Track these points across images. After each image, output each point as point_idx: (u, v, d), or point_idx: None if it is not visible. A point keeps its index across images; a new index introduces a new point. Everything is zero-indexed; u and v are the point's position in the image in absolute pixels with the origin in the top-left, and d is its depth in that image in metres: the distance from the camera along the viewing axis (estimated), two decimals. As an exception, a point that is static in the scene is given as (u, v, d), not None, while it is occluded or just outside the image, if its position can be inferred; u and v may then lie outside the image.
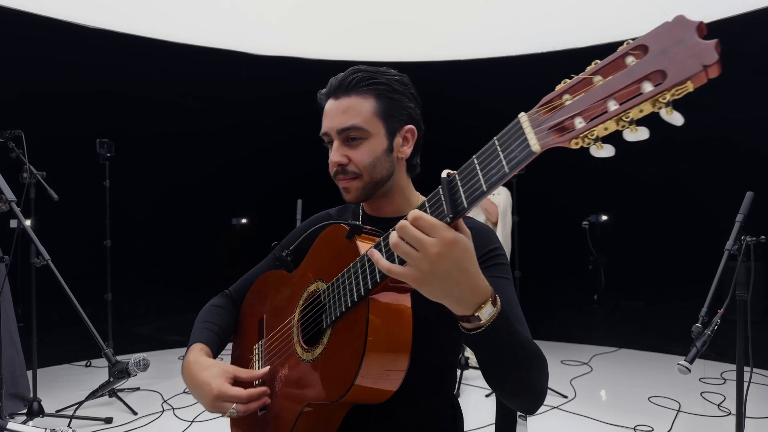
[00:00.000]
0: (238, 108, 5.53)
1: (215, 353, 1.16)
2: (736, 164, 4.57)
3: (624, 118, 0.59)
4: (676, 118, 0.57)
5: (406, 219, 0.74)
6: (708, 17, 4.55)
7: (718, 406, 3.46)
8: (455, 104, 5.54)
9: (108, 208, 3.87)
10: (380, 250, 0.83)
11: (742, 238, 2.01)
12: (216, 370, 1.03)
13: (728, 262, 1.99)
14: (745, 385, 1.97)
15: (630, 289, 5.47)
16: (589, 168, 5.36)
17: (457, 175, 0.73)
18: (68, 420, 3.17)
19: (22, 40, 4.46)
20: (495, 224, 4.29)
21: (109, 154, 3.82)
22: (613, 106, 0.60)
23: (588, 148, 0.62)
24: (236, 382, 1.04)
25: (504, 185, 4.29)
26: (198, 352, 1.11)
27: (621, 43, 0.64)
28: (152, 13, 4.73)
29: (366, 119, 1.03)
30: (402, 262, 0.76)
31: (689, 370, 1.73)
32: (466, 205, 0.70)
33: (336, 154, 1.05)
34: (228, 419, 1.14)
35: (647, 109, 0.57)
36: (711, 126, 4.84)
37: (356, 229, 0.96)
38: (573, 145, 0.63)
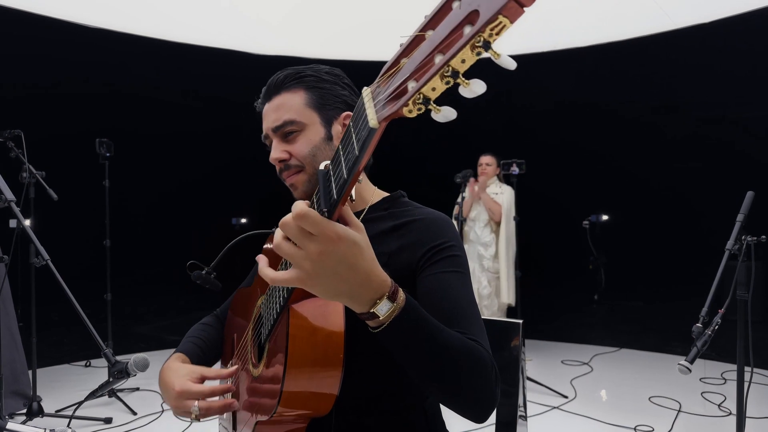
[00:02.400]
0: (238, 108, 5.50)
1: (195, 363, 1.15)
2: (736, 164, 4.57)
3: (445, 73, 0.51)
4: (506, 62, 0.52)
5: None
6: (708, 17, 4.55)
7: (719, 406, 3.45)
8: (458, 103, 5.52)
9: (108, 208, 3.86)
10: None
11: (743, 237, 2.00)
12: (183, 371, 1.04)
13: (729, 262, 1.99)
14: (746, 385, 1.97)
15: (630, 288, 5.47)
16: (589, 168, 5.37)
17: (330, 166, 0.68)
18: (68, 420, 3.17)
19: (22, 40, 4.46)
20: (498, 224, 4.28)
21: (108, 154, 3.82)
22: (438, 60, 0.52)
23: (428, 114, 0.55)
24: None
25: (507, 184, 4.30)
26: (173, 360, 1.12)
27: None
28: (152, 13, 4.72)
29: (298, 112, 1.03)
30: None
31: (690, 370, 1.72)
32: (336, 197, 0.65)
33: (275, 151, 1.04)
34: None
35: (469, 57, 0.50)
36: (711, 126, 4.84)
37: None
38: (408, 114, 0.55)
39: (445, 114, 0.55)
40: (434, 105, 0.54)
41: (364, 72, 1.14)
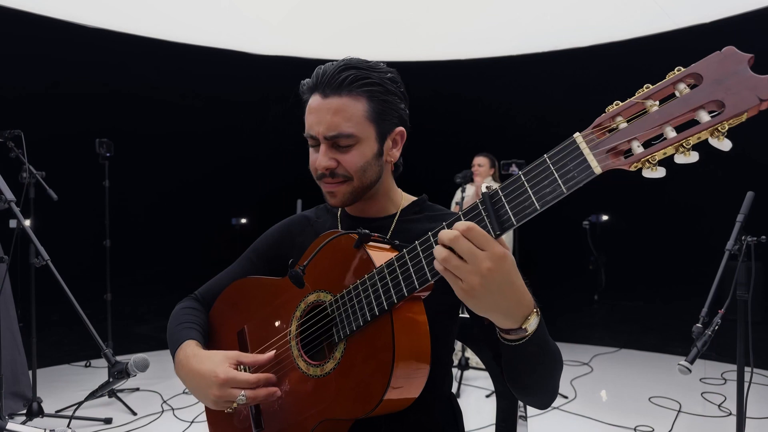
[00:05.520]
0: (237, 108, 5.53)
1: None
2: (736, 165, 4.56)
3: (685, 145, 0.62)
4: (726, 144, 0.61)
5: (445, 227, 0.75)
6: (708, 17, 4.55)
7: (719, 406, 3.45)
8: (458, 103, 5.53)
9: (107, 208, 3.86)
10: (405, 262, 0.83)
11: (743, 238, 2.00)
12: (218, 357, 0.97)
13: (729, 262, 1.98)
14: (746, 385, 1.97)
15: (630, 288, 5.47)
16: (589, 168, 5.36)
17: (500, 191, 0.73)
18: (68, 420, 3.17)
19: (22, 40, 4.45)
20: None
21: (108, 154, 3.82)
22: (671, 132, 0.62)
23: (641, 170, 0.66)
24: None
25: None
26: (194, 347, 1.05)
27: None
28: (152, 13, 4.72)
29: (357, 123, 0.98)
30: (434, 274, 0.78)
31: (690, 371, 1.72)
32: (515, 222, 0.71)
33: (324, 159, 1.00)
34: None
35: (705, 136, 0.61)
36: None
37: (365, 237, 0.92)
38: (632, 168, 0.66)
39: (660, 172, 0.65)
40: (656, 165, 0.64)
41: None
